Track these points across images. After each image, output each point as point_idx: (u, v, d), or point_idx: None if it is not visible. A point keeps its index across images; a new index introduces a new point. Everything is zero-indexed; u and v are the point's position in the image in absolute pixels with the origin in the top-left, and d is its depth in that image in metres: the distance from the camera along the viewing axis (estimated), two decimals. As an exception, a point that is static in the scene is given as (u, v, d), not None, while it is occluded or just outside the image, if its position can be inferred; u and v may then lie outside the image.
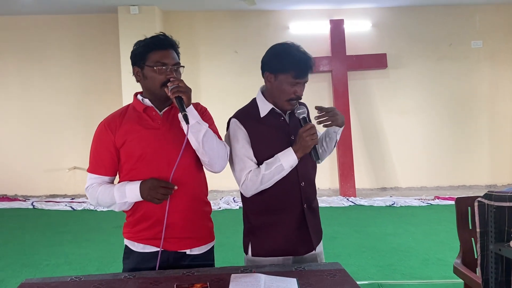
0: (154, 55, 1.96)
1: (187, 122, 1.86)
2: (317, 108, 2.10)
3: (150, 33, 2.09)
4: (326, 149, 2.24)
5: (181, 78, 1.99)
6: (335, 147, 2.28)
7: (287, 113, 2.15)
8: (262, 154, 2.09)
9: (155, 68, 1.94)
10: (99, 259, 4.69)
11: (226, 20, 7.94)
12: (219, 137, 2.07)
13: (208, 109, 2.17)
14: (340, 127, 2.14)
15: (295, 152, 2.03)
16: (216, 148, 1.97)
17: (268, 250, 2.14)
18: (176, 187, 1.92)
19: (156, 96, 2.00)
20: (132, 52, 2.03)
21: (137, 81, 2.05)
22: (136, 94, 2.10)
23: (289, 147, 2.05)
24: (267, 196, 2.11)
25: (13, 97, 8.03)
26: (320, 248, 2.24)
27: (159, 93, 1.97)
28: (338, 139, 2.21)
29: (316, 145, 2.03)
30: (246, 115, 2.14)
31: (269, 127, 2.10)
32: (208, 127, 2.00)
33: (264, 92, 2.16)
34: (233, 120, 2.12)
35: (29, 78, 8.00)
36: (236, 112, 2.17)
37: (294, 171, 2.08)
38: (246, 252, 2.19)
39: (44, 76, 8.00)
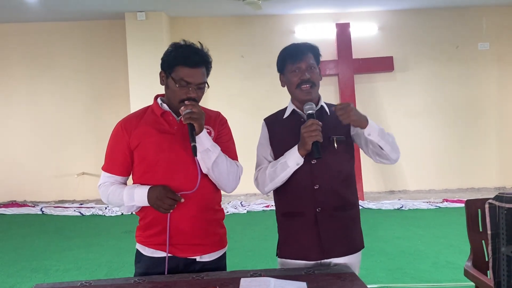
0: (181, 71, 1.92)
1: (195, 154, 1.87)
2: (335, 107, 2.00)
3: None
4: (377, 152, 2.05)
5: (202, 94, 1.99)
6: (390, 148, 2.03)
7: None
8: (281, 153, 2.13)
9: (177, 85, 1.93)
10: (108, 264, 4.70)
11: (232, 26, 7.96)
12: (235, 156, 2.09)
13: None
14: (357, 126, 2.00)
15: (298, 149, 2.03)
16: (225, 173, 1.98)
17: (286, 253, 2.17)
18: (182, 200, 1.92)
19: (173, 107, 2.01)
20: (164, 55, 1.99)
21: (161, 84, 2.03)
22: (156, 97, 2.09)
23: None
24: (284, 198, 2.17)
25: (22, 103, 8.09)
26: (349, 259, 2.12)
27: (175, 106, 1.98)
28: (376, 140, 1.98)
29: (318, 142, 1.99)
30: (273, 117, 2.26)
31: (289, 127, 2.13)
32: (224, 143, 2.04)
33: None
34: (262, 122, 2.27)
35: (38, 84, 8.06)
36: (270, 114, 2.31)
37: (308, 172, 2.07)
38: (276, 254, 2.24)
39: (52, 82, 8.05)
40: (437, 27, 7.87)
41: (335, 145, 2.07)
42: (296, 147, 2.05)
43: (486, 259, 2.49)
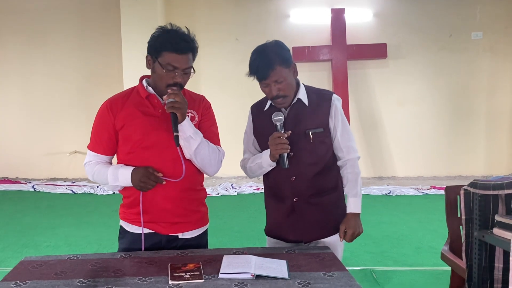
0: (168, 56, 1.94)
1: (177, 144, 1.91)
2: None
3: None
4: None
5: (188, 79, 2.02)
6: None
7: (288, 109, 2.16)
8: (261, 144, 2.23)
9: (164, 70, 1.96)
10: (98, 241, 4.77)
11: (227, 7, 7.93)
12: (217, 140, 2.14)
13: (208, 97, 2.22)
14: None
15: (269, 155, 2.11)
16: (207, 159, 2.04)
17: (269, 231, 2.30)
18: (164, 182, 1.99)
19: (158, 90, 2.04)
20: (150, 39, 2.01)
21: (147, 67, 2.06)
22: (142, 78, 2.12)
23: None
24: (268, 182, 2.27)
25: (15, 81, 8.07)
26: (331, 239, 2.22)
27: (161, 90, 2.02)
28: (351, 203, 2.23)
29: (285, 154, 2.06)
30: (258, 105, 2.29)
31: (269, 119, 2.14)
32: (208, 127, 2.09)
33: None
34: (250, 109, 2.31)
35: (30, 62, 8.03)
36: (257, 101, 2.31)
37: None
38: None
39: (45, 61, 8.02)
40: (431, 15, 7.88)
41: (311, 137, 2.12)
42: (269, 151, 2.11)
43: (463, 244, 2.58)
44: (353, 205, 2.21)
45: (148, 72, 2.10)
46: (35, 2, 7.94)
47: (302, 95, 2.16)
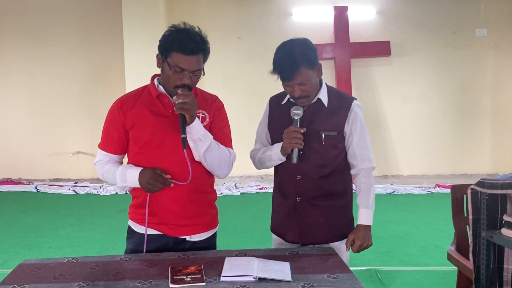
0: (176, 57, 1.89)
1: (184, 147, 1.87)
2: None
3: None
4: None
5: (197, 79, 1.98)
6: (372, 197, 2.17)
7: (305, 106, 2.11)
8: (272, 137, 2.20)
9: (172, 71, 1.91)
10: (101, 242, 4.75)
11: (229, 6, 7.89)
12: (229, 142, 2.10)
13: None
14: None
15: (281, 148, 2.08)
16: (217, 161, 2.00)
17: (272, 227, 2.30)
18: (172, 185, 1.95)
19: (168, 89, 2.00)
20: (161, 38, 1.96)
21: (157, 66, 2.01)
22: (153, 77, 2.08)
23: None
24: (277, 178, 2.25)
25: (17, 82, 8.05)
26: (334, 245, 2.16)
27: (170, 90, 1.98)
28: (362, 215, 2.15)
29: (295, 149, 2.03)
30: (276, 98, 2.26)
31: (286, 114, 2.12)
32: (219, 128, 2.05)
33: None
34: (269, 100, 2.29)
35: (33, 63, 8.01)
36: (277, 93, 2.28)
37: (292, 164, 2.08)
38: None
39: (47, 62, 8.00)
40: (435, 12, 7.82)
41: (323, 139, 2.08)
42: (280, 144, 2.08)
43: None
44: (364, 217, 2.13)
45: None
46: (38, 3, 7.93)
47: (323, 95, 2.12)
